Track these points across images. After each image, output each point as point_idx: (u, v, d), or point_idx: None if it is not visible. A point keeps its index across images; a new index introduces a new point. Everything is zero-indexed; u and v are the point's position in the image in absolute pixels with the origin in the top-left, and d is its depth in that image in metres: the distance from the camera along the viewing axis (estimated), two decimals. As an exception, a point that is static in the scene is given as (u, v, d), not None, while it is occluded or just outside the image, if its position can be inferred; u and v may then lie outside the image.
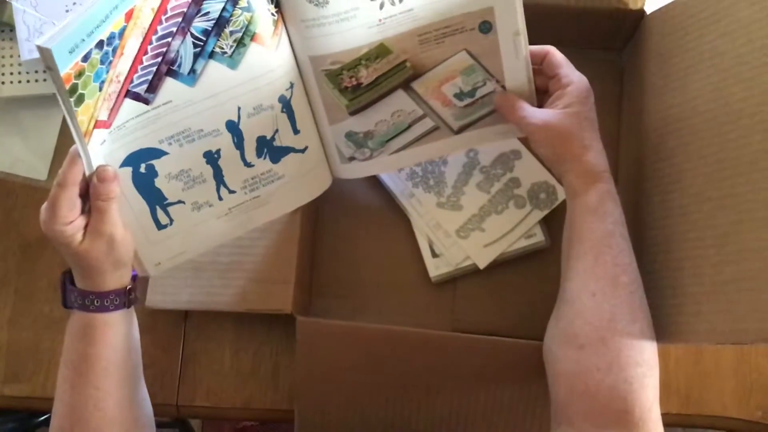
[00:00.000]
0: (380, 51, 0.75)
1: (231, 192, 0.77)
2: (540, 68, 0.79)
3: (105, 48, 0.62)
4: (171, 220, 0.76)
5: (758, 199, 0.65)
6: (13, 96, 0.95)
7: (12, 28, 0.93)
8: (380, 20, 0.73)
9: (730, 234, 0.67)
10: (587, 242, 0.73)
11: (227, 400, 0.91)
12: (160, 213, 0.75)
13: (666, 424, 0.80)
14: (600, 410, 0.67)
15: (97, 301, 0.71)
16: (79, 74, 0.60)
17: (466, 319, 0.91)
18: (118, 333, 0.72)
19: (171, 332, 0.92)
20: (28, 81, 0.94)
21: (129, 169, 0.72)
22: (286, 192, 0.81)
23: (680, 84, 0.79)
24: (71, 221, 0.67)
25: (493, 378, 0.81)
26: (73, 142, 0.65)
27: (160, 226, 0.76)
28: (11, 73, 0.94)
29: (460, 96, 0.80)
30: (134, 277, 0.75)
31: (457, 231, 0.90)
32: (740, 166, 0.68)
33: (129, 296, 0.73)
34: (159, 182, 0.74)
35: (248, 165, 0.77)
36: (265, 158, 0.77)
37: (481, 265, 0.90)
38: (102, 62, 0.62)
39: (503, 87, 0.79)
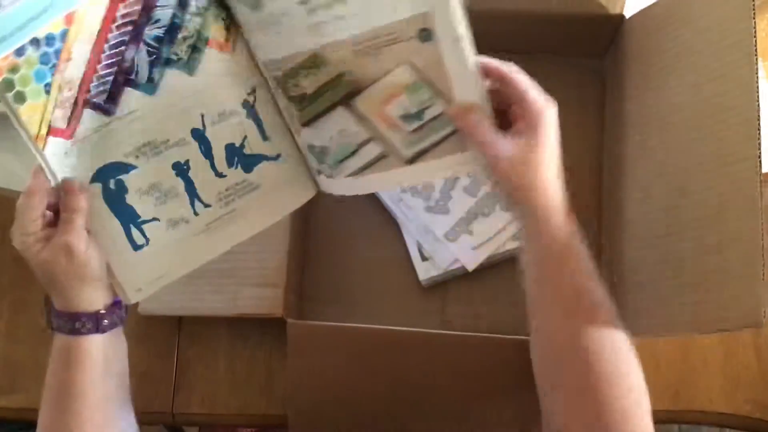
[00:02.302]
0: (315, 61, 0.69)
1: (206, 206, 0.75)
2: (502, 89, 0.69)
3: (43, 48, 0.62)
4: (147, 240, 0.73)
5: (738, 189, 0.66)
6: (5, 112, 0.96)
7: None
8: (309, 26, 0.67)
9: (711, 225, 0.69)
10: (558, 289, 0.68)
11: (222, 406, 0.92)
12: (134, 232, 0.72)
13: (656, 421, 0.81)
14: None
15: (69, 323, 0.69)
16: (13, 69, 0.60)
17: (457, 321, 0.92)
18: (94, 358, 0.70)
19: (165, 340, 0.93)
20: (20, 97, 0.95)
21: (99, 186, 0.70)
22: (264, 203, 0.77)
23: (659, 84, 0.81)
24: (33, 232, 0.67)
25: (486, 376, 0.81)
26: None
27: (136, 247, 0.73)
28: (3, 90, 0.95)
29: (407, 118, 0.71)
30: (117, 304, 0.73)
31: (446, 234, 0.91)
32: (719, 159, 0.69)
33: (102, 321, 0.70)
34: (130, 199, 0.71)
35: (220, 175, 0.74)
36: (236, 167, 0.75)
37: (470, 268, 0.91)
38: (43, 63, 0.62)
39: None
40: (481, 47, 1.02)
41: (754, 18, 0.67)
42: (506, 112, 0.70)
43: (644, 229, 0.80)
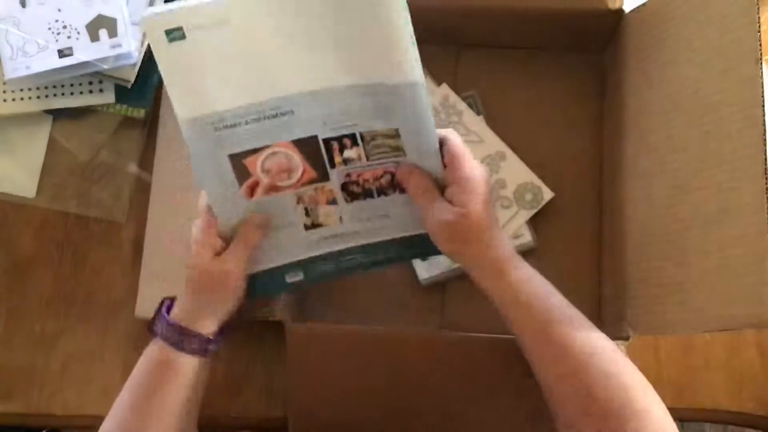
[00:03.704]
0: None
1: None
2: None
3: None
4: None
5: (741, 186, 0.65)
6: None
7: (-4, 48, 0.94)
8: None
9: (714, 222, 0.68)
10: (525, 338, 0.71)
11: (222, 408, 0.91)
12: None
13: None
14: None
15: (176, 336, 0.72)
16: None
17: (457, 320, 0.92)
18: (186, 378, 0.73)
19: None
20: (13, 99, 0.95)
21: None
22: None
23: (659, 80, 0.80)
24: (211, 244, 0.74)
25: (486, 375, 0.81)
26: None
27: None
28: (-4, 92, 0.95)
29: None
30: (221, 332, 0.75)
31: (445, 234, 0.91)
32: (721, 156, 0.68)
33: (207, 346, 0.73)
34: None
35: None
36: None
37: (469, 268, 0.90)
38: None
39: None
40: (480, 44, 1.02)
41: (758, 13, 0.67)
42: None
43: (645, 225, 0.79)
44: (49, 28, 0.91)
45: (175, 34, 0.66)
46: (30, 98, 0.95)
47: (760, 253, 0.63)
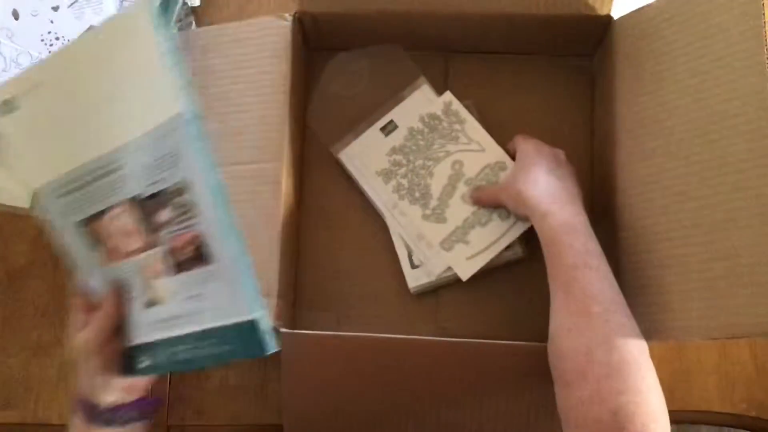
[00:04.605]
0: None
1: None
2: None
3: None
4: None
5: (748, 197, 0.66)
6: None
7: (-12, 59, 0.94)
8: None
9: (718, 231, 0.69)
10: (554, 280, 0.75)
11: (217, 417, 0.91)
12: None
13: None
14: None
15: (76, 404, 0.73)
16: None
17: (451, 327, 0.92)
18: None
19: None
20: (7, 110, 0.95)
21: None
22: None
23: (654, 87, 0.80)
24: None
25: (481, 383, 0.81)
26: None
27: None
28: (-11, 104, 0.95)
29: None
30: (133, 404, 0.74)
31: (441, 243, 0.90)
32: (726, 166, 0.69)
33: (93, 413, 0.71)
34: None
35: None
36: None
37: (464, 278, 0.90)
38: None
39: None
40: (470, 50, 1.02)
41: (764, 26, 0.67)
42: None
43: (641, 233, 0.79)
44: (42, 40, 0.92)
45: (10, 105, 0.69)
46: (23, 109, 0.95)
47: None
